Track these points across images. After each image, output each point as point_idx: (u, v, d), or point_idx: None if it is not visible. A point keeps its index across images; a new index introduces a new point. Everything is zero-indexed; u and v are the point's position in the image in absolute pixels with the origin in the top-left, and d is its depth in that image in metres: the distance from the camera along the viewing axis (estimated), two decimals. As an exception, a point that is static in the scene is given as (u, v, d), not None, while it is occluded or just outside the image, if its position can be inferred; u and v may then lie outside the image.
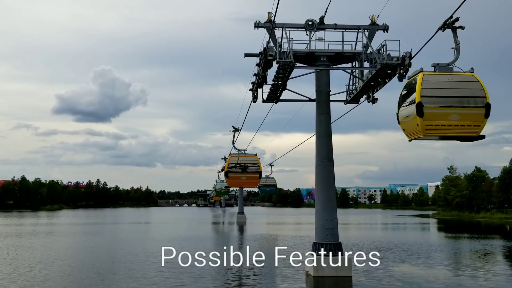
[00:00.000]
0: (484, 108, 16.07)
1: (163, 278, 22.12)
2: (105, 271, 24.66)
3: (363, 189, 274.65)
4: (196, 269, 24.15)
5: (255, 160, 34.38)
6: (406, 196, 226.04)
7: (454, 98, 15.99)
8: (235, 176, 33.98)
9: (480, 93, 16.16)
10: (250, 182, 35.06)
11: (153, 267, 25.72)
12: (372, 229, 66.94)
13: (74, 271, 24.68)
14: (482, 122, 16.25)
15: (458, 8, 13.84)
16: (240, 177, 33.77)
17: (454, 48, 17.02)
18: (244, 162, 34.27)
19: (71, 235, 49.32)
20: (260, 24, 22.52)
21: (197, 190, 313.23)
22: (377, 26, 23.08)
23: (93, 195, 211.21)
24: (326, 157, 23.39)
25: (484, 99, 16.14)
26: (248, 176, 33.66)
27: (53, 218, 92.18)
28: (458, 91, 16.09)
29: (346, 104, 26.37)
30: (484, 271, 25.45)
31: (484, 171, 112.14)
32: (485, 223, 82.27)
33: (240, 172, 34.03)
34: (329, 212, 22.79)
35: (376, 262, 25.85)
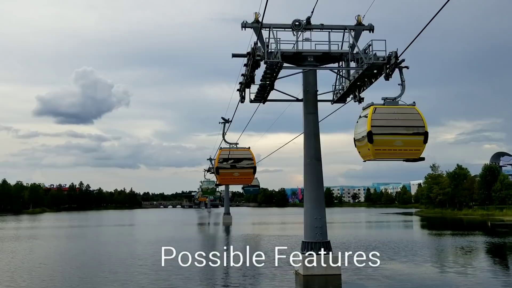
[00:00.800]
0: (423, 135, 19.24)
1: (150, 281, 21.72)
2: (88, 275, 24.05)
3: (347, 188, 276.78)
4: (184, 271, 24.03)
5: (249, 154, 30.25)
6: (389, 194, 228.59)
7: (398, 127, 19.09)
8: (226, 172, 29.90)
9: (420, 123, 19.29)
10: (243, 179, 30.86)
11: (138, 269, 25.43)
12: (358, 227, 67.53)
13: (57, 275, 24.00)
14: (422, 146, 19.47)
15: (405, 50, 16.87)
16: (233, 173, 29.88)
17: (400, 84, 20.32)
18: (236, 156, 30.27)
19: (53, 238, 48.43)
20: (247, 24, 22.50)
21: (182, 192, 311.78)
22: (363, 27, 23.30)
23: (76, 198, 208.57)
24: (314, 156, 23.53)
25: (423, 128, 19.31)
26: (241, 172, 29.82)
27: (35, 222, 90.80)
28: (402, 121, 19.15)
29: (333, 104, 26.59)
30: (470, 267, 25.92)
31: (466, 169, 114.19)
32: (467, 220, 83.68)
33: (232, 168, 30.08)
34: (318, 211, 22.94)
35: (376, 262, 26.07)
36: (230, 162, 29.66)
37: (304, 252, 22.41)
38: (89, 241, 45.21)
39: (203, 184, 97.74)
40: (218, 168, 30.04)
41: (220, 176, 30.71)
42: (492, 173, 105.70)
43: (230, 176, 30.40)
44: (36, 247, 39.36)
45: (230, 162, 29.66)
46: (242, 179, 31.16)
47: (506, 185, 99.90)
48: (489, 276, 22.74)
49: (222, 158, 29.81)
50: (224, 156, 29.89)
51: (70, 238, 49.28)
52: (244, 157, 29.91)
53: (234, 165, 29.67)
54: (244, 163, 29.76)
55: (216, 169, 30.55)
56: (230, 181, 35.67)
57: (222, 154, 30.02)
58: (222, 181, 33.47)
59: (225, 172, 30.11)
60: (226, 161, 29.73)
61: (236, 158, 29.82)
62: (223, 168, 29.81)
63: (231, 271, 25.21)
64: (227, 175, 30.50)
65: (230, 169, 29.93)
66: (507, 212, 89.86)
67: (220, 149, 30.86)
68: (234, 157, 29.92)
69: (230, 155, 30.11)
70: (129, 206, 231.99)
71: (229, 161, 29.72)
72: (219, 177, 30.85)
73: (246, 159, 29.81)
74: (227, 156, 29.93)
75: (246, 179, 30.92)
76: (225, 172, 30.13)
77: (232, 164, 29.66)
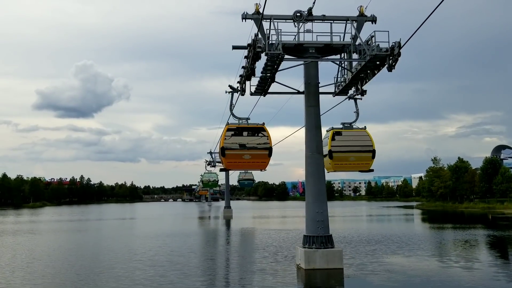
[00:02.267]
0: (371, 152, 25.67)
1: (146, 277, 20.90)
2: (82, 270, 23.09)
3: (348, 182, 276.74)
4: (183, 267, 23.65)
5: (264, 131, 23.94)
6: (390, 187, 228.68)
7: (352, 146, 25.57)
8: (235, 154, 23.37)
9: (369, 143, 25.63)
10: (256, 163, 24.18)
11: (135, 264, 24.72)
12: (359, 221, 67.40)
13: (50, 271, 23.11)
14: (371, 161, 25.85)
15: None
16: (243, 155, 23.40)
17: (355, 112, 26.52)
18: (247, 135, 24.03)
19: (51, 233, 47.94)
20: (247, 15, 22.14)
21: (182, 185, 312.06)
22: (366, 17, 22.98)
23: (77, 192, 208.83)
24: (316, 149, 23.23)
25: (371, 146, 25.62)
26: (253, 154, 23.40)
27: (36, 216, 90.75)
28: (355, 142, 25.62)
29: (335, 96, 26.31)
30: (472, 260, 25.68)
31: (467, 162, 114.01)
32: (468, 213, 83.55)
33: (242, 149, 23.57)
34: (320, 205, 22.70)
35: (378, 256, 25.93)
36: (239, 142, 23.76)
37: (305, 246, 22.22)
38: (88, 236, 44.76)
39: (204, 176, 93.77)
40: (224, 148, 23.58)
41: (226, 159, 23.85)
42: (493, 166, 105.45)
43: (239, 159, 23.86)
44: (33, 241, 38.69)
45: (239, 142, 23.76)
46: (254, 163, 24.46)
47: (507, 178, 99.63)
48: (491, 269, 22.51)
49: (230, 134, 23.74)
50: (231, 133, 23.83)
51: (69, 232, 48.83)
52: (257, 135, 23.98)
53: (244, 145, 23.68)
54: (257, 142, 23.78)
55: (222, 149, 23.76)
56: (239, 166, 25.59)
57: (229, 130, 23.90)
58: (229, 166, 24.85)
59: (233, 153, 23.68)
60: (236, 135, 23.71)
61: (247, 137, 23.89)
62: (231, 149, 23.63)
63: (231, 266, 25.08)
64: (236, 158, 23.85)
65: (239, 150, 23.67)
66: (508, 205, 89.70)
67: (227, 124, 24.37)
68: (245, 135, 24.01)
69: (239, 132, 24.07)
70: (129, 200, 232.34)
71: (238, 140, 23.76)
72: (226, 160, 23.91)
73: (260, 138, 23.89)
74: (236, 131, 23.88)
75: (259, 163, 24.36)
76: (233, 154, 23.69)
77: (242, 144, 23.71)
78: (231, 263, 26.13)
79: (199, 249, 32.19)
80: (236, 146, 23.57)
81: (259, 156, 23.97)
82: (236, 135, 23.72)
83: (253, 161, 23.93)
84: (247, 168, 31.57)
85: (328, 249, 21.93)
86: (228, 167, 25.14)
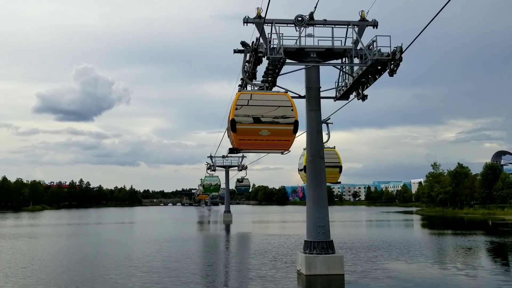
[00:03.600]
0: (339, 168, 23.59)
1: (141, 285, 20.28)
2: (75, 277, 22.18)
3: (347, 186, 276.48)
4: (180, 273, 23.16)
5: (287, 101, 19.20)
6: (390, 192, 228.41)
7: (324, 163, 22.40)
8: (249, 129, 18.46)
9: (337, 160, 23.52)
10: (276, 141, 19.01)
11: (130, 270, 24.01)
12: (359, 226, 67.19)
13: (43, 277, 22.33)
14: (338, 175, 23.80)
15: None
16: (259, 130, 18.33)
17: (327, 134, 28.66)
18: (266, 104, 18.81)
19: (49, 237, 47.55)
20: (249, 19, 22.11)
21: (182, 189, 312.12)
22: (367, 22, 22.97)
23: (76, 195, 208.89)
24: (317, 154, 23.14)
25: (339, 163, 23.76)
26: (273, 130, 18.49)
27: (35, 219, 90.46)
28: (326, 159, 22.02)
29: (336, 101, 26.29)
30: (473, 267, 25.53)
31: (467, 167, 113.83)
32: (468, 218, 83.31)
33: (257, 122, 18.45)
34: (321, 210, 22.57)
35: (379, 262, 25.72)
36: (255, 114, 18.72)
37: (306, 251, 22.08)
38: (86, 240, 44.19)
39: (205, 180, 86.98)
40: (235, 122, 18.64)
41: (238, 136, 18.79)
42: (493, 172, 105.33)
43: (254, 135, 18.78)
44: (30, 245, 38.15)
45: (255, 114, 18.72)
46: (274, 142, 19.10)
47: (508, 184, 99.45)
48: (494, 277, 22.36)
49: (241, 105, 18.81)
50: (244, 102, 18.89)
51: (66, 237, 48.32)
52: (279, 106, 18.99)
53: (259, 119, 18.72)
54: (278, 114, 18.84)
55: (232, 123, 18.69)
56: (254, 145, 19.43)
57: (242, 98, 19.04)
58: (242, 144, 19.22)
59: (247, 128, 18.71)
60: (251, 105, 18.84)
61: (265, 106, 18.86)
62: (244, 123, 18.70)
63: (230, 272, 24.83)
64: (250, 134, 18.81)
65: (254, 125, 18.65)
66: (509, 211, 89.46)
67: (239, 91, 19.80)
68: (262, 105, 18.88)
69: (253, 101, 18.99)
70: (129, 204, 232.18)
71: (254, 111, 18.75)
72: (237, 137, 18.81)
73: (282, 109, 18.93)
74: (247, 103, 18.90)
75: (282, 142, 19.19)
76: (246, 129, 18.72)
77: (258, 117, 18.72)
78: (230, 269, 25.89)
79: (197, 254, 31.89)
80: (250, 120, 18.50)
81: (281, 133, 18.83)
82: (251, 105, 18.66)
83: (272, 138, 18.70)
84: (264, 148, 20.78)
85: (329, 254, 21.78)
86: (240, 146, 19.19)
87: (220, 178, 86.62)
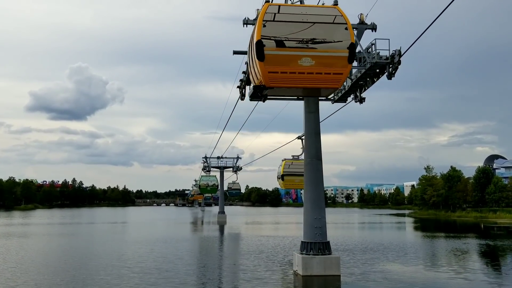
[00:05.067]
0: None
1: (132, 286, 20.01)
2: (64, 279, 21.50)
3: (340, 189, 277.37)
4: (173, 274, 22.84)
5: (339, 16, 16.24)
6: (382, 195, 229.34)
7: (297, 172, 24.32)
8: (284, 55, 15.72)
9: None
10: (324, 77, 16.02)
11: (121, 271, 23.59)
12: (353, 228, 67.44)
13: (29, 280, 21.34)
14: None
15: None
16: (299, 58, 15.60)
17: (302, 148, 28.72)
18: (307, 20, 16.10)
19: (42, 236, 47.09)
20: (249, 21, 22.14)
21: (175, 190, 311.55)
22: (366, 25, 23.02)
23: (68, 195, 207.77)
24: (315, 156, 23.25)
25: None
26: (319, 57, 15.50)
27: (26, 218, 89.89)
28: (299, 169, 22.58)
29: (333, 103, 26.43)
30: (467, 270, 25.74)
31: (460, 171, 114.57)
32: (461, 222, 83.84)
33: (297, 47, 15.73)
34: (318, 211, 22.70)
35: (375, 264, 25.80)
36: (292, 35, 16.14)
37: (303, 252, 22.19)
38: (77, 240, 43.49)
39: (202, 180, 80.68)
40: (262, 44, 16.14)
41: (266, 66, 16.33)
42: (486, 176, 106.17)
43: (292, 65, 16.25)
44: (19, 245, 37.41)
45: (292, 35, 16.14)
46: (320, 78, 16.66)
47: (500, 187, 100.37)
48: (485, 279, 22.60)
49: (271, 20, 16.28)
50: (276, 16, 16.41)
51: (57, 236, 47.61)
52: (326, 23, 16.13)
53: (299, 41, 16.13)
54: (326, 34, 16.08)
55: (258, 46, 16.14)
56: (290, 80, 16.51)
57: (270, 12, 16.70)
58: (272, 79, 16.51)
59: (280, 55, 16.27)
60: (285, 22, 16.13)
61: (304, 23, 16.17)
62: (275, 48, 16.18)
63: (225, 273, 24.64)
64: (285, 63, 16.33)
65: (292, 50, 16.33)
66: (501, 215, 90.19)
67: (267, 1, 17.68)
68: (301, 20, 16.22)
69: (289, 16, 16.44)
70: (122, 204, 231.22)
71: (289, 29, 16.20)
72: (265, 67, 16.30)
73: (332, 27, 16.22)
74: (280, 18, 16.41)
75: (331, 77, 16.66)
76: (278, 56, 16.28)
77: (298, 40, 16.18)
78: (225, 270, 25.73)
79: (191, 255, 31.66)
80: (286, 43, 15.01)
81: (330, 62, 15.25)
82: (286, 22, 15.06)
83: (318, 70, 15.24)
84: (305, 85, 17.11)
85: (325, 255, 21.91)
86: (270, 82, 15.61)
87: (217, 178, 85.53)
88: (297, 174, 32.90)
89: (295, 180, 33.90)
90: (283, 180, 34.07)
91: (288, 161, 34.18)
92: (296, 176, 33.30)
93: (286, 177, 34.00)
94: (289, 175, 34.01)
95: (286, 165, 33.94)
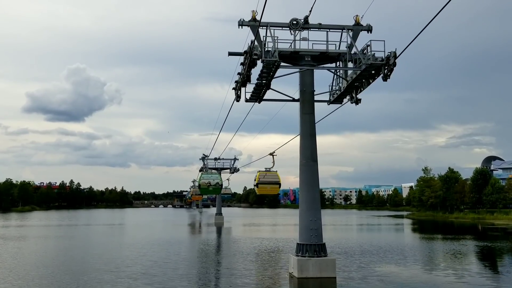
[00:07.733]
0: (278, 184, 42.70)
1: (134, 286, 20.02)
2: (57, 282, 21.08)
3: (338, 190, 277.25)
4: (169, 277, 22.70)
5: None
6: (381, 196, 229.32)
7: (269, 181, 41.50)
8: None
9: (278, 179, 42.16)
10: None
11: (116, 274, 23.44)
12: (351, 230, 67.38)
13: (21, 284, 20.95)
14: (278, 189, 43.46)
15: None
16: None
17: (272, 162, 37.75)
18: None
19: (37, 238, 46.76)
20: (244, 22, 22.11)
21: (173, 191, 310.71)
22: (361, 27, 23.05)
23: (66, 196, 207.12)
24: (311, 157, 23.21)
25: (279, 181, 42.60)
26: None
27: (23, 220, 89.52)
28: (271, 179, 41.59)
29: (329, 105, 26.34)
30: (464, 271, 25.68)
31: (457, 172, 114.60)
32: (458, 223, 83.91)
33: None
34: (313, 213, 22.62)
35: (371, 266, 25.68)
36: None
37: (299, 254, 22.09)
38: (73, 243, 42.93)
39: (202, 178, 66.89)
40: None
41: None
42: (483, 177, 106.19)
43: None
44: (13, 248, 36.78)
45: None
46: None
47: (497, 189, 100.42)
48: (482, 280, 22.54)
49: None
50: None
51: (53, 239, 47.16)
52: None
53: None
54: None
55: None
56: None
57: None
58: None
59: None
60: None
61: None
62: None
63: (223, 274, 24.62)
64: None
65: None
66: (498, 216, 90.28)
67: None
68: None
69: None
70: (119, 205, 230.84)
71: None
72: None
73: None
74: None
75: None
76: None
77: None
78: (222, 271, 25.68)
79: (189, 257, 31.55)
80: None
81: None
82: None
83: None
84: None
85: (321, 257, 21.81)
86: None
87: None
88: (268, 182, 42.08)
89: (267, 187, 42.07)
90: (257, 187, 41.88)
91: (262, 172, 41.40)
92: (268, 184, 41.85)
93: (260, 185, 41.49)
94: (262, 184, 41.46)
95: (261, 175, 41.32)
